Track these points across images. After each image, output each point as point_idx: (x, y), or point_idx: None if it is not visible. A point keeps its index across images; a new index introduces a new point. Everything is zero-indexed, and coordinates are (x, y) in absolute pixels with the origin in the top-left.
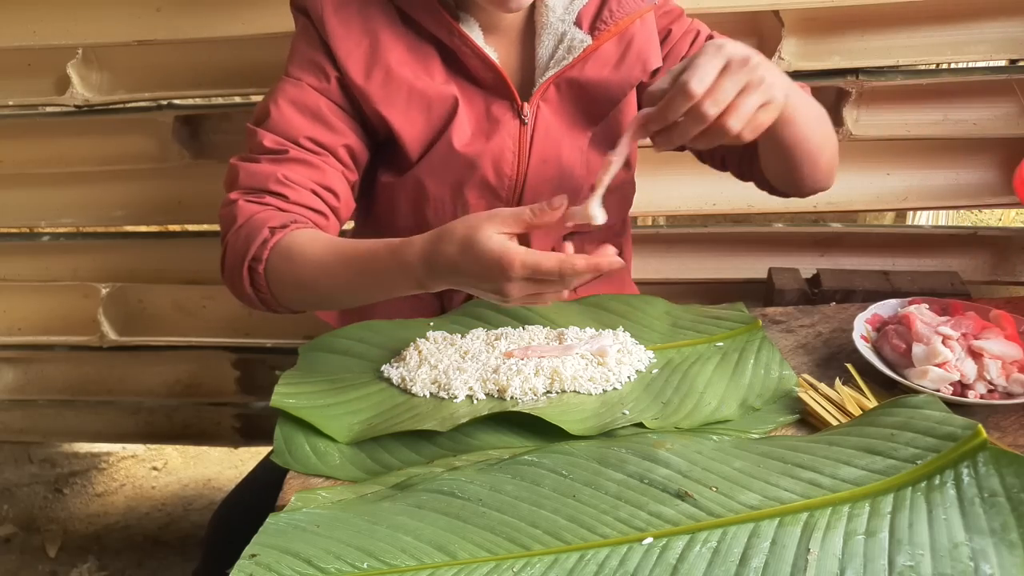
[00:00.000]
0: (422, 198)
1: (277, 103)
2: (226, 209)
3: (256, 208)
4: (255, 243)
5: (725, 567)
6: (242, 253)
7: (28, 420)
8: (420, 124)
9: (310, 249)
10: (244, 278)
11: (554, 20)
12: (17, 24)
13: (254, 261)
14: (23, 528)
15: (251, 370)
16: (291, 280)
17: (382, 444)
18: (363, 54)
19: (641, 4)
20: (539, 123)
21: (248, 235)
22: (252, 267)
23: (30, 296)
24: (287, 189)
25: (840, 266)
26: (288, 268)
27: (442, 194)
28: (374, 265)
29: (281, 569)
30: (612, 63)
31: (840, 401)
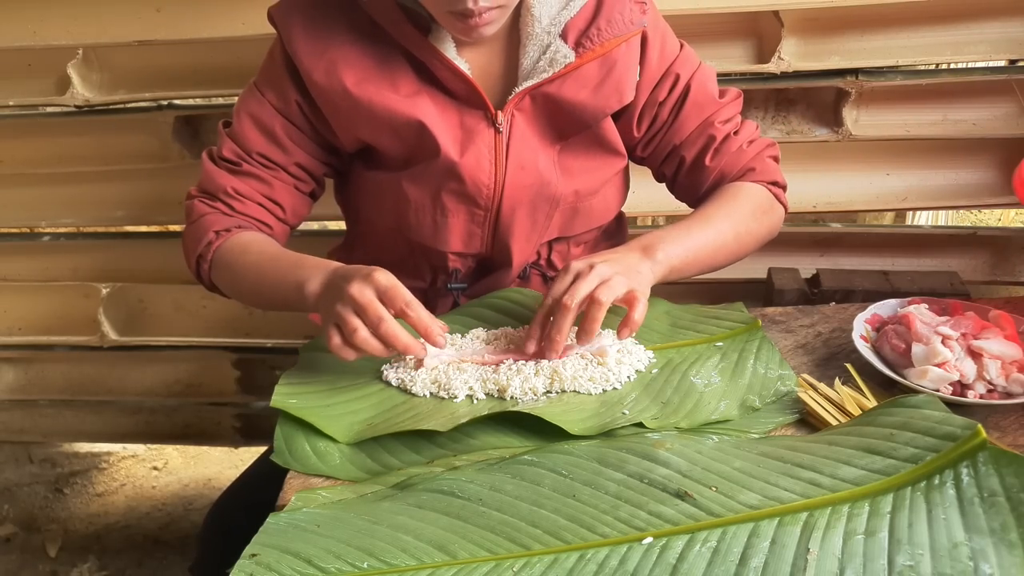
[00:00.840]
0: (404, 202)
1: (240, 115)
2: (187, 202)
3: (207, 209)
4: (201, 243)
5: (725, 567)
6: (192, 249)
7: (28, 420)
8: (391, 141)
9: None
10: (193, 268)
11: (539, 31)
12: (17, 24)
13: (200, 258)
14: (23, 528)
15: (251, 370)
16: (228, 279)
17: (382, 444)
18: (326, 74)
19: (630, 27)
20: (514, 131)
21: (196, 234)
22: (199, 263)
23: (30, 296)
24: (235, 201)
25: (840, 266)
26: (224, 270)
27: (423, 199)
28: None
29: (281, 569)
30: (592, 85)
31: (840, 401)
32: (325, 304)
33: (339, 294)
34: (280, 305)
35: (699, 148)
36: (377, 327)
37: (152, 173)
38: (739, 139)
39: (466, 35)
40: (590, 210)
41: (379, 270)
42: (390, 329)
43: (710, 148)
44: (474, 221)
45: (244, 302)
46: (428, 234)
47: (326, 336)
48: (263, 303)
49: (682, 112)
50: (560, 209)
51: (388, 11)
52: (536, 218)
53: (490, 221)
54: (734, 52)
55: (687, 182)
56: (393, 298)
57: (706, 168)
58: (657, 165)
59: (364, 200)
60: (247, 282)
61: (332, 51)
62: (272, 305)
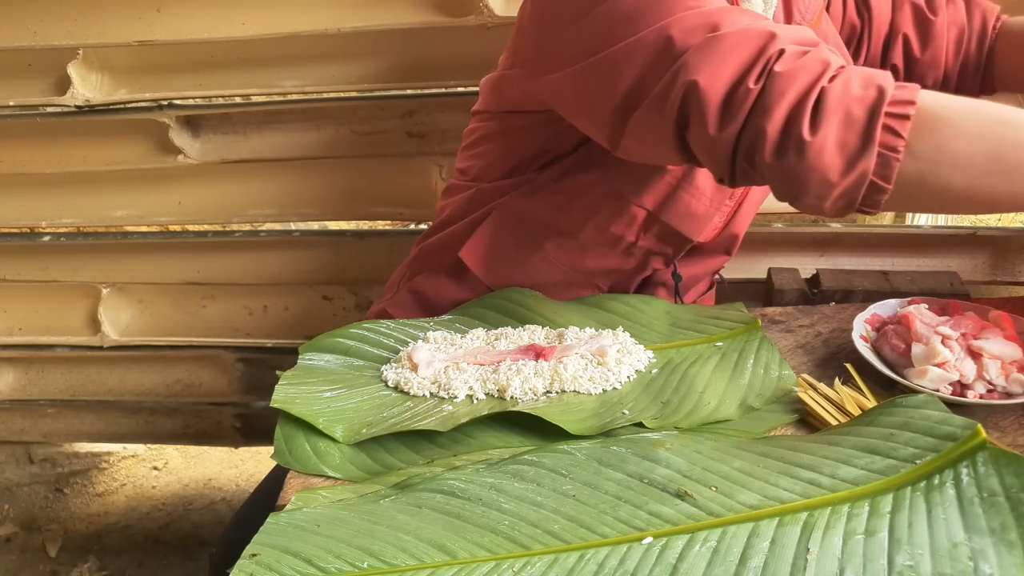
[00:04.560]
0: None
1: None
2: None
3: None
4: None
5: (725, 567)
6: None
7: (28, 420)
8: None
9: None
10: (877, 133)
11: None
12: (17, 24)
13: (904, 104)
14: (24, 528)
15: (251, 370)
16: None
17: (382, 444)
18: None
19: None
20: None
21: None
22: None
23: (30, 296)
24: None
25: (839, 266)
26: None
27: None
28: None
29: (281, 569)
30: None
31: (839, 401)
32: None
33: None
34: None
35: (912, 12)
36: None
37: (152, 173)
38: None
39: None
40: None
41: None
42: None
43: (924, 6)
44: (721, 213)
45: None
46: (691, 221)
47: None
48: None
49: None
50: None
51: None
52: (757, 207)
53: (730, 213)
54: None
55: (927, 56)
56: None
57: (936, 26)
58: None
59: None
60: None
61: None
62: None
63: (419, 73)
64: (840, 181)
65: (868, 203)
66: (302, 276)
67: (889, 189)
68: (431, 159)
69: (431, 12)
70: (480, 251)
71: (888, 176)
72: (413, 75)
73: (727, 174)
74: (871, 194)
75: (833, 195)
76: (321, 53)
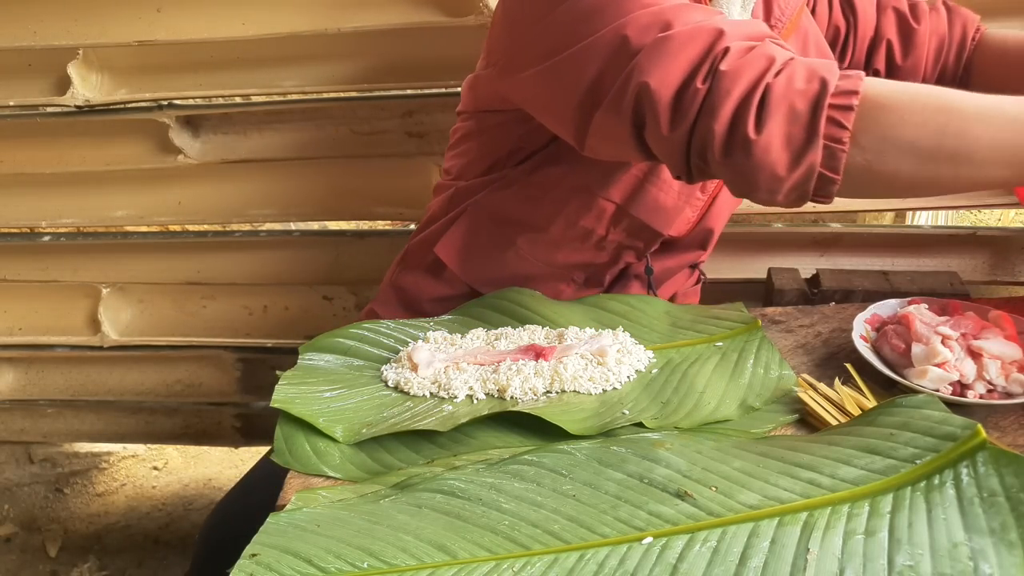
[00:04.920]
0: (652, 177)
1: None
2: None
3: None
4: (831, 73)
5: (725, 566)
6: (816, 92)
7: (28, 420)
8: None
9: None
10: (822, 118)
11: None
12: (17, 24)
13: (847, 95)
14: (24, 528)
15: (251, 370)
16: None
17: (382, 444)
18: None
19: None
20: None
21: (810, 70)
22: (842, 108)
23: (30, 296)
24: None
25: (839, 266)
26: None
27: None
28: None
29: (281, 568)
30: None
31: (839, 401)
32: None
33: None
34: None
35: (896, 20)
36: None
37: (152, 173)
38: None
39: None
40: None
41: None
42: None
43: (908, 15)
44: (692, 206)
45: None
46: (660, 215)
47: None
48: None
49: (856, 3)
50: None
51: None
52: (734, 203)
53: (704, 207)
54: None
55: (907, 63)
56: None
57: (919, 34)
58: (863, 67)
59: (592, 162)
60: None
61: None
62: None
63: (419, 73)
64: (788, 176)
65: (820, 194)
66: (302, 276)
67: (838, 180)
68: (431, 159)
69: (431, 12)
70: (455, 247)
71: (836, 167)
72: (413, 75)
73: (684, 172)
74: (822, 186)
75: (784, 189)
76: (321, 53)
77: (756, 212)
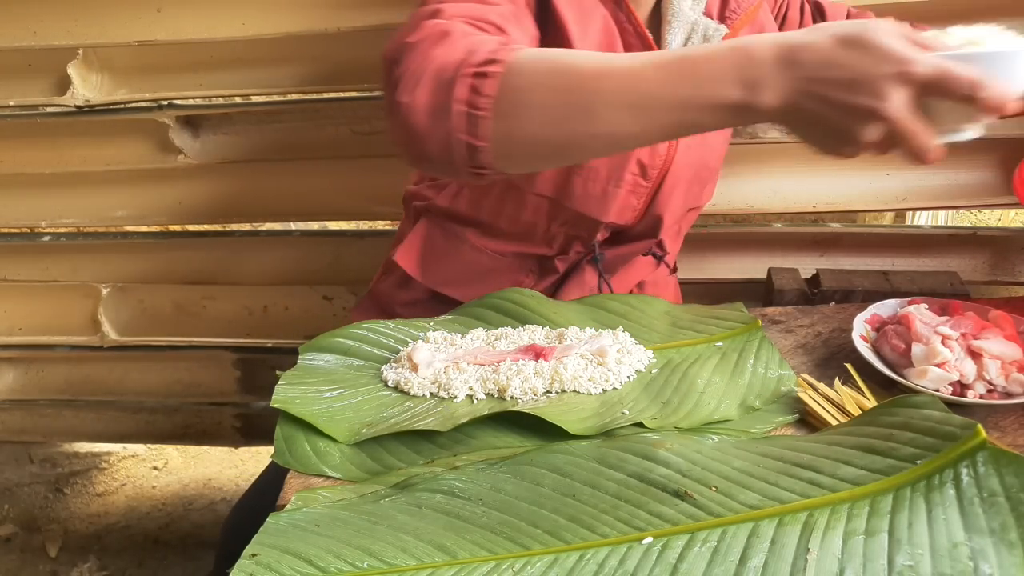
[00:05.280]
0: (575, 167)
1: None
2: (430, 24)
3: (474, 30)
4: (485, 48)
5: (725, 567)
6: (460, 61)
7: (28, 420)
8: None
9: (580, 54)
10: (461, 87)
11: (684, 9)
12: (17, 24)
13: (488, 64)
14: (24, 528)
15: (251, 370)
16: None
17: (382, 444)
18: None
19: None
20: None
21: (472, 45)
22: (481, 75)
23: (30, 296)
24: (509, 27)
25: (839, 266)
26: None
27: (599, 167)
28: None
29: (281, 569)
30: None
31: (839, 401)
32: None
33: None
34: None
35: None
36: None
37: (152, 173)
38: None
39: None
40: (706, 182)
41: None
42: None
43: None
44: (635, 193)
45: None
46: (592, 204)
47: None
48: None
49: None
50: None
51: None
52: (688, 195)
53: (649, 194)
54: None
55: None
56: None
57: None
58: None
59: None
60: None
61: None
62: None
63: None
64: (429, 138)
65: (476, 164)
66: (302, 276)
67: (483, 146)
68: None
69: None
70: (414, 255)
71: (477, 134)
72: None
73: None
74: (473, 154)
75: (430, 154)
76: (321, 53)
77: (756, 212)
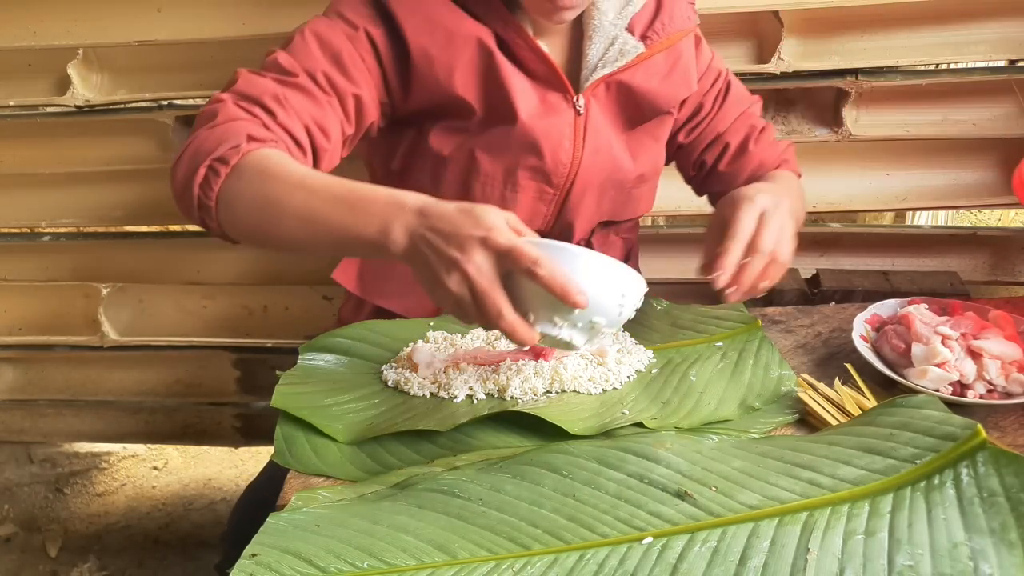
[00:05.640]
0: (473, 173)
1: (304, 33)
2: (210, 106)
3: (241, 114)
4: (227, 144)
5: (725, 567)
6: (208, 150)
7: (28, 420)
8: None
9: (290, 166)
10: (198, 176)
11: (606, 23)
12: (17, 24)
13: (219, 162)
14: (24, 528)
15: (251, 370)
16: (251, 199)
17: (382, 444)
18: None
19: (688, 23)
20: (591, 115)
21: (222, 136)
22: (213, 168)
23: (30, 296)
24: (279, 109)
25: (839, 266)
26: (255, 185)
27: (495, 172)
28: (361, 192)
29: (281, 569)
30: (661, 75)
31: (839, 401)
32: (423, 266)
33: (446, 263)
34: (332, 248)
35: (743, 136)
36: (497, 322)
37: (152, 173)
38: (771, 133)
39: (549, 17)
40: (640, 197)
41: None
42: (510, 324)
43: (752, 136)
44: (542, 199)
45: (268, 236)
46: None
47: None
48: (305, 240)
49: (726, 102)
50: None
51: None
52: (601, 201)
53: (558, 201)
54: (734, 52)
55: (729, 169)
56: (517, 258)
57: (750, 154)
58: (698, 153)
59: (418, 170)
60: (290, 207)
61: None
62: (318, 245)
63: None
64: (181, 205)
65: (215, 234)
66: (302, 276)
67: (212, 224)
68: None
69: None
70: (352, 269)
71: (207, 215)
72: None
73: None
74: (208, 227)
75: (185, 212)
76: None
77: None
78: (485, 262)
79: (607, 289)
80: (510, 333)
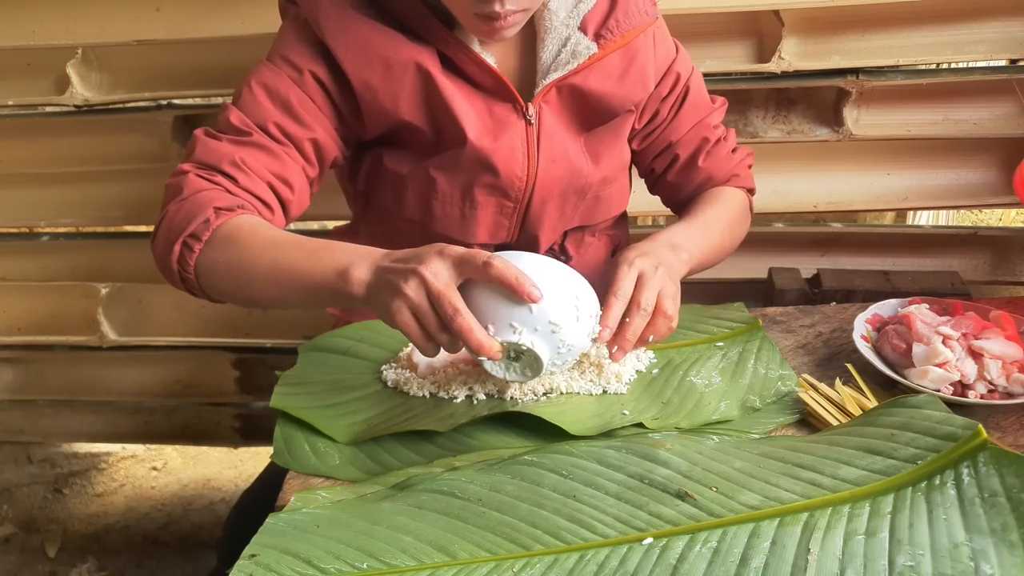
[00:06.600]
0: (431, 193)
1: (251, 85)
2: (174, 179)
3: (204, 185)
4: (197, 220)
5: (725, 567)
6: (180, 228)
7: (28, 420)
8: (427, 115)
9: (260, 230)
10: (174, 254)
11: (557, 24)
12: (17, 24)
13: (191, 238)
14: (23, 528)
15: (251, 370)
16: (225, 267)
17: (382, 444)
18: (361, 46)
19: (645, 18)
20: (544, 123)
21: (190, 211)
22: (187, 244)
23: (30, 296)
24: (240, 173)
25: (840, 266)
26: (227, 253)
27: (451, 191)
28: (327, 243)
29: (281, 569)
30: (616, 76)
31: (840, 401)
32: (385, 291)
33: (405, 275)
34: (303, 297)
35: (693, 148)
36: (454, 320)
37: (152, 173)
38: (727, 144)
39: (490, 37)
40: (610, 198)
41: (450, 246)
42: (467, 324)
43: (703, 150)
44: (503, 213)
45: (246, 297)
46: (455, 226)
47: (400, 326)
48: (278, 295)
49: (681, 111)
50: (585, 197)
51: (413, 8)
52: (565, 208)
53: (519, 213)
54: (734, 52)
55: (676, 180)
56: (471, 259)
57: (698, 168)
58: (649, 160)
59: (381, 190)
60: (260, 267)
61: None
62: (290, 297)
63: None
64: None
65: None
66: None
67: (196, 291)
68: None
69: None
70: None
71: (188, 284)
72: None
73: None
74: (192, 292)
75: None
76: None
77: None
78: (441, 267)
79: (559, 287)
80: (467, 335)
